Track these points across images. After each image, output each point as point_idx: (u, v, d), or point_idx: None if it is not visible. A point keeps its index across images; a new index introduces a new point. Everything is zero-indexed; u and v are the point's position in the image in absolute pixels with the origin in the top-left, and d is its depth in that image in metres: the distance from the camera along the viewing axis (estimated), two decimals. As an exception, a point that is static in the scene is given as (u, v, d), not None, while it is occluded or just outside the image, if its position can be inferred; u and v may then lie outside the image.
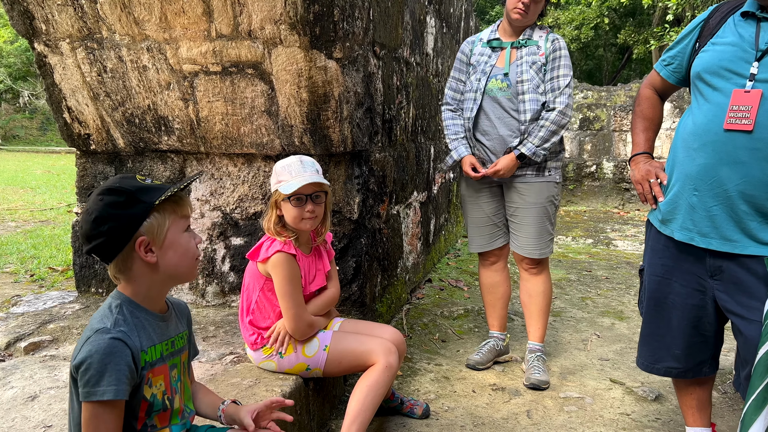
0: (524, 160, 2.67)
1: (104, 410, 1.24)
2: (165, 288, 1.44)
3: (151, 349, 1.37)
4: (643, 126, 2.14)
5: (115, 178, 1.37)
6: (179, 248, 1.38)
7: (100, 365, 1.23)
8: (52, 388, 2.05)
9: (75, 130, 2.99)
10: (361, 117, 2.78)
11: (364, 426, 2.02)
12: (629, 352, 3.21)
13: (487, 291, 2.99)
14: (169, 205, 1.36)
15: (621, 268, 5.19)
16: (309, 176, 2.10)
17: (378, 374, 2.06)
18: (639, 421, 2.46)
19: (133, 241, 1.31)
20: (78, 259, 3.14)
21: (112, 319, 1.31)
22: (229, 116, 2.75)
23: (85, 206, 1.34)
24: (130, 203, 1.31)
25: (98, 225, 1.29)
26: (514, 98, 2.69)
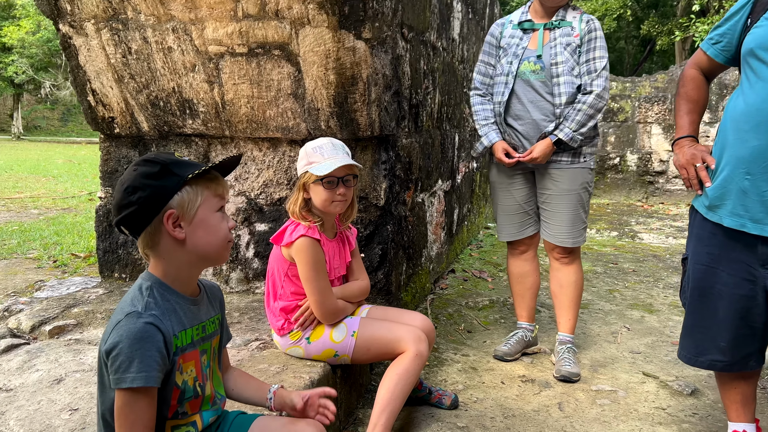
0: (560, 146, 2.59)
1: (135, 397, 1.20)
2: (195, 270, 1.39)
3: (182, 333, 1.32)
4: (688, 108, 2.05)
5: (153, 152, 1.33)
6: (209, 228, 1.33)
7: (130, 351, 1.18)
8: (78, 372, 2.02)
9: (99, 113, 2.96)
10: (389, 100, 2.71)
11: (394, 415, 1.97)
12: (661, 345, 3.12)
13: (516, 281, 2.92)
14: (204, 182, 1.32)
15: (648, 261, 5.08)
16: (342, 158, 2.04)
17: (408, 362, 2.01)
18: (675, 415, 2.37)
19: (162, 213, 1.27)
20: (102, 243, 3.12)
21: (143, 302, 1.26)
22: (254, 99, 2.70)
23: (120, 178, 1.30)
24: (162, 174, 1.27)
25: (129, 194, 1.26)
26: (548, 81, 2.61)
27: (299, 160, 2.11)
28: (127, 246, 3.09)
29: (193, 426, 1.37)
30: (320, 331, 2.10)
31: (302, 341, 2.10)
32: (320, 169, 2.00)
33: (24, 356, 2.16)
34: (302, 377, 1.98)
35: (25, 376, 2.00)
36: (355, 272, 2.28)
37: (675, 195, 8.92)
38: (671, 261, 5.10)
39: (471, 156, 5.15)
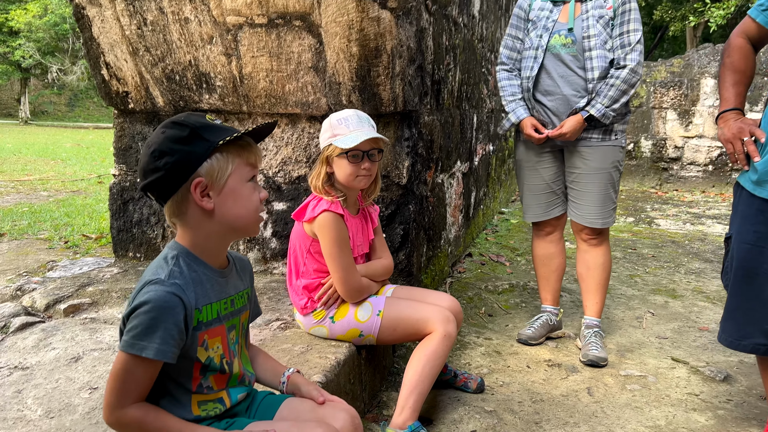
0: (591, 122, 2.49)
1: (138, 366, 1.13)
2: (224, 241, 1.31)
3: (206, 307, 1.24)
4: (734, 79, 1.95)
5: (183, 114, 1.24)
6: (240, 198, 1.24)
7: (148, 319, 1.12)
8: (96, 350, 1.95)
9: (113, 87, 2.87)
10: (413, 75, 2.62)
11: (422, 397, 1.90)
12: (688, 330, 3.04)
13: (541, 263, 2.84)
14: (235, 149, 1.23)
15: (666, 247, 4.98)
16: (367, 131, 1.96)
17: (436, 343, 1.93)
18: (710, 402, 2.29)
19: (189, 181, 1.19)
20: (116, 222, 3.05)
21: (167, 270, 1.18)
22: (273, 73, 2.61)
23: (147, 141, 1.22)
24: (191, 139, 1.18)
25: (156, 159, 1.17)
26: (580, 55, 2.51)
27: (322, 133, 2.02)
28: (141, 225, 3.02)
29: (220, 402, 1.30)
30: (344, 310, 2.02)
31: (326, 320, 2.02)
32: (345, 142, 1.92)
33: (39, 334, 2.10)
34: (328, 357, 1.90)
35: (42, 354, 1.94)
36: (377, 251, 2.20)
37: (689, 182, 8.79)
38: (690, 247, 5.00)
39: (488, 138, 5.05)
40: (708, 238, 5.36)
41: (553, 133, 2.52)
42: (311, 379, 1.76)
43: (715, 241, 5.22)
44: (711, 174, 8.66)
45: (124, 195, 3.03)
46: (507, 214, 6.10)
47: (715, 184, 8.61)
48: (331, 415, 1.34)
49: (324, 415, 1.34)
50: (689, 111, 8.73)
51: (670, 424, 2.12)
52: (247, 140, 1.26)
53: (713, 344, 2.85)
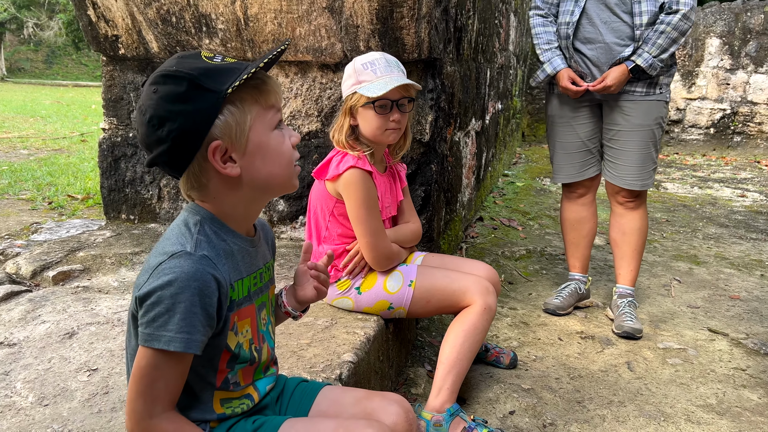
0: (636, 74, 2.26)
1: (166, 361, 0.90)
2: (257, 205, 1.05)
3: (238, 284, 1.01)
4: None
5: (172, 59, 0.95)
6: (270, 152, 0.98)
7: (173, 302, 0.88)
8: (92, 324, 1.73)
9: (101, 30, 2.58)
10: (439, 18, 2.36)
11: (460, 377, 1.71)
12: (719, 299, 2.88)
13: (571, 227, 2.63)
14: (249, 93, 0.95)
15: (678, 211, 4.82)
16: (397, 77, 1.71)
17: (476, 317, 1.73)
18: (758, 377, 2.14)
19: (204, 147, 0.93)
20: (106, 181, 2.79)
21: (193, 240, 0.94)
22: (283, 14, 2.33)
23: (138, 103, 0.95)
24: (193, 93, 0.90)
25: (155, 128, 0.91)
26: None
27: (345, 79, 1.77)
28: (135, 184, 2.76)
29: (248, 399, 1.07)
30: (372, 280, 1.81)
31: (351, 291, 1.81)
32: (372, 90, 1.67)
33: (27, 305, 1.87)
34: (356, 333, 1.70)
35: (30, 328, 1.71)
36: (405, 213, 1.98)
37: (690, 145, 8.62)
38: (702, 211, 4.85)
39: (498, 95, 4.80)
40: (718, 203, 5.21)
41: (596, 86, 2.29)
42: (341, 358, 1.55)
43: (726, 206, 5.07)
44: (712, 137, 8.49)
45: (116, 151, 2.76)
46: (511, 177, 5.89)
47: (716, 147, 8.45)
48: (382, 409, 1.14)
49: (373, 409, 1.14)
50: (693, 72, 8.49)
51: (721, 403, 1.96)
52: (261, 77, 0.97)
53: (749, 314, 2.70)
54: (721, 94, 8.37)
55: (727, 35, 8.34)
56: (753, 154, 8.03)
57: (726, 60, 8.27)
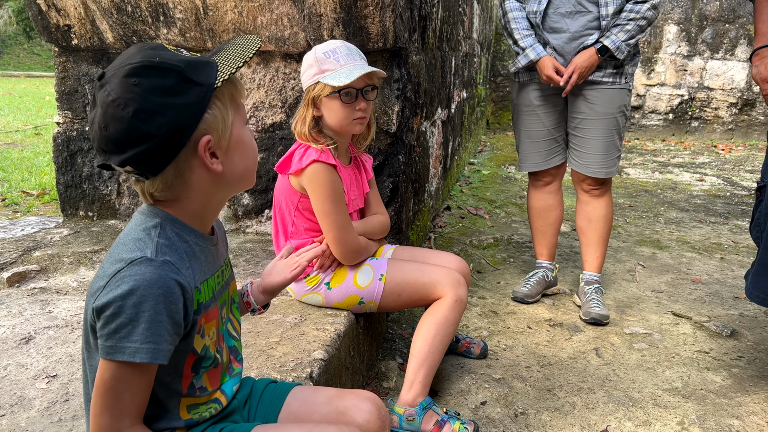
0: (605, 55, 2.26)
1: (131, 373, 0.85)
2: (223, 202, 1.03)
3: (204, 285, 0.97)
4: (774, 10, 1.75)
5: (142, 50, 0.88)
6: (246, 148, 0.97)
7: (135, 311, 0.83)
8: (50, 328, 1.66)
9: (52, 20, 2.46)
10: (404, 6, 2.32)
11: (432, 370, 1.70)
12: (682, 283, 2.94)
13: (538, 216, 2.65)
14: (227, 88, 0.92)
15: (641, 196, 4.91)
16: (361, 65, 1.68)
17: (447, 310, 1.72)
18: (721, 359, 2.19)
19: (192, 142, 0.89)
20: (62, 177, 2.68)
21: (153, 245, 0.89)
22: (243, 3, 2.27)
23: (105, 96, 0.86)
24: (182, 87, 0.86)
25: (143, 122, 0.84)
26: None
27: (305, 69, 1.72)
28: (93, 179, 2.67)
29: (215, 403, 1.04)
30: (342, 275, 1.78)
31: (321, 287, 1.78)
32: (336, 79, 1.63)
33: (-21, 310, 1.78)
34: (326, 329, 1.67)
35: (-16, 334, 1.63)
36: (372, 206, 1.95)
37: (650, 130, 8.79)
38: (663, 196, 4.95)
39: (463, 84, 4.79)
40: (678, 187, 5.32)
41: (566, 79, 2.27)
42: (312, 355, 1.52)
43: (686, 190, 5.19)
44: (671, 123, 8.67)
45: (71, 146, 2.66)
46: (477, 165, 5.91)
47: (675, 132, 8.64)
48: (354, 407, 1.11)
49: (345, 408, 1.11)
50: (651, 59, 8.64)
51: (687, 386, 2.00)
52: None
53: (710, 297, 2.76)
54: (679, 80, 8.54)
55: (684, 22, 8.50)
56: (710, 139, 8.23)
57: (683, 46, 8.44)
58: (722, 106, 8.31)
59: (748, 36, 8.04)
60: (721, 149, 7.60)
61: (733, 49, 8.22)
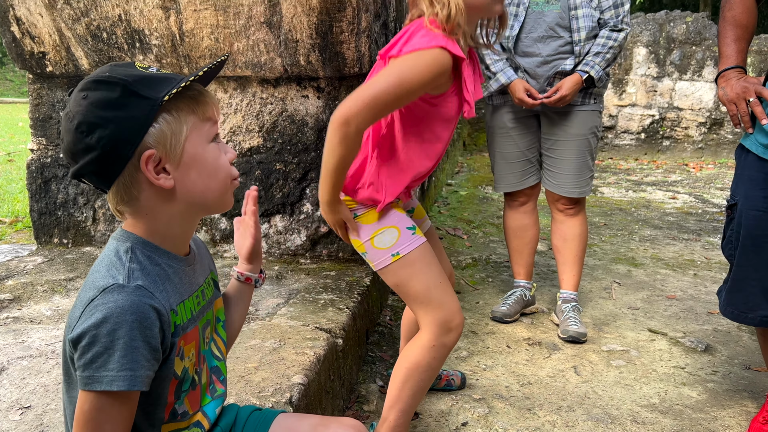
0: (588, 84, 2.33)
1: (111, 403, 0.84)
2: (192, 223, 1.01)
3: (180, 307, 0.96)
4: (735, 35, 1.81)
5: (105, 66, 0.91)
6: (205, 165, 0.95)
7: (109, 339, 0.82)
8: (24, 358, 1.63)
9: (26, 47, 2.46)
10: (379, 32, 2.36)
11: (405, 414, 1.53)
12: (657, 300, 2.99)
13: (514, 235, 2.68)
14: (186, 104, 0.91)
15: (615, 215, 5.00)
16: None
17: (421, 353, 1.52)
18: (696, 374, 2.22)
19: (136, 156, 0.88)
20: (36, 204, 2.65)
21: (124, 270, 0.88)
22: (219, 29, 2.29)
23: (65, 110, 0.90)
24: (127, 100, 0.87)
25: (84, 135, 0.86)
26: (564, 13, 2.32)
27: None
28: (67, 206, 2.64)
29: (197, 427, 1.03)
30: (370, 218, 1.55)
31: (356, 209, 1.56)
32: None
33: (-50, 342, 1.74)
34: (306, 353, 1.66)
35: (-46, 366, 1.59)
36: None
37: (623, 150, 8.96)
38: (637, 214, 5.04)
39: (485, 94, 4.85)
40: (652, 205, 5.42)
41: (550, 96, 2.32)
42: (291, 380, 1.52)
43: (659, 208, 5.29)
44: (644, 142, 8.85)
45: (45, 172, 2.63)
46: (454, 186, 5.97)
47: (647, 151, 8.82)
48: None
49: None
50: (623, 80, 8.85)
51: (664, 402, 2.02)
52: (198, 88, 0.95)
53: (685, 313, 2.81)
54: (649, 101, 8.74)
55: (652, 44, 8.74)
56: (681, 157, 8.41)
57: (653, 68, 8.66)
58: (692, 126, 8.52)
59: (714, 58, 8.28)
60: (692, 167, 7.78)
61: (700, 71, 8.45)
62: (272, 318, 1.93)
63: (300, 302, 2.08)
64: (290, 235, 2.54)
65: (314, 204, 2.50)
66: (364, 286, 2.29)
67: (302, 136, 2.47)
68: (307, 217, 2.52)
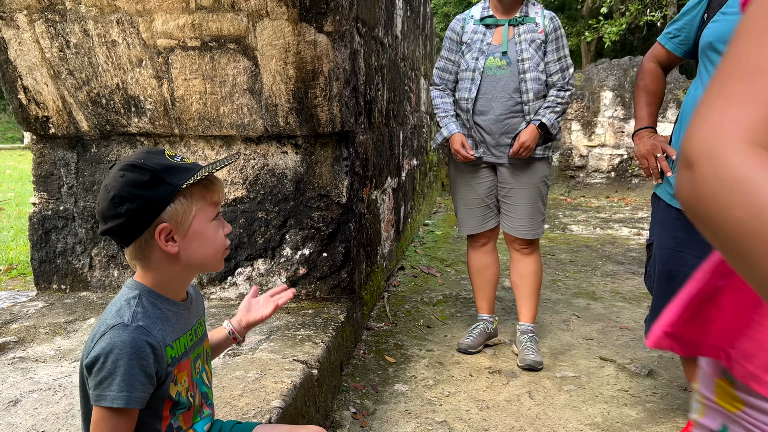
0: (543, 131, 2.65)
1: (113, 416, 1.10)
2: (189, 278, 1.29)
3: (176, 342, 1.22)
4: (647, 100, 2.14)
5: (140, 152, 1.21)
6: (205, 239, 1.23)
7: (113, 366, 1.09)
8: (34, 392, 1.85)
9: (32, 112, 2.73)
10: (349, 96, 2.67)
11: None
12: (611, 330, 3.25)
13: (477, 273, 2.95)
14: (198, 190, 1.21)
15: (581, 252, 5.29)
16: None
17: None
18: (638, 396, 2.47)
19: (153, 226, 1.17)
20: (37, 253, 2.88)
21: (130, 313, 1.15)
22: (207, 95, 2.58)
23: (104, 182, 1.18)
24: (153, 183, 1.15)
25: (116, 205, 1.14)
26: (515, 77, 2.65)
27: None
28: (66, 255, 2.87)
29: (190, 439, 1.28)
30: None
31: None
32: None
33: (-34, 379, 1.96)
34: (284, 382, 1.90)
35: (-28, 400, 1.81)
36: None
37: (595, 188, 9.35)
38: (602, 250, 5.34)
39: (413, 152, 5.18)
40: (617, 242, 5.74)
41: (514, 149, 2.63)
42: (270, 404, 1.75)
43: (624, 244, 5.60)
44: (613, 180, 9.25)
45: (46, 224, 2.87)
46: (431, 226, 6.26)
47: (617, 189, 9.22)
48: (305, 438, 1.36)
49: (298, 439, 1.35)
50: (591, 122, 9.30)
51: (606, 420, 2.27)
52: (211, 178, 1.24)
53: (635, 342, 3.07)
54: (618, 141, 9.18)
55: (618, 88, 9.23)
56: (650, 195, 8.80)
57: (619, 110, 9.13)
58: (658, 164, 8.93)
59: (676, 100, 8.76)
60: (659, 204, 8.13)
61: (664, 112, 8.90)
62: (255, 352, 2.17)
63: (280, 338, 2.31)
64: (271, 277, 2.79)
65: (293, 248, 2.76)
66: (339, 322, 2.53)
67: (282, 187, 2.74)
68: (287, 260, 2.77)
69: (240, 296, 2.80)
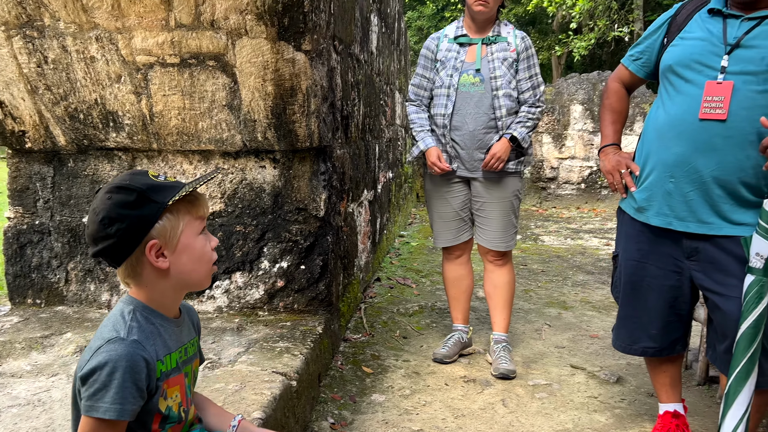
0: (515, 145, 2.73)
1: (103, 427, 1.14)
2: (180, 294, 1.34)
3: (167, 358, 1.27)
4: (612, 118, 2.24)
5: (125, 174, 1.26)
6: (194, 253, 1.28)
7: (108, 378, 1.13)
8: (13, 407, 1.85)
9: (8, 126, 2.73)
10: (326, 112, 2.73)
11: None
12: (581, 339, 3.35)
13: (452, 285, 3.02)
14: (184, 206, 1.26)
15: (553, 262, 5.41)
16: None
17: None
18: (607, 402, 2.56)
19: (143, 244, 1.21)
20: (11, 268, 2.87)
21: (126, 327, 1.20)
22: (186, 111, 2.61)
23: (92, 205, 1.23)
24: (140, 203, 1.20)
25: (105, 226, 1.19)
26: (488, 94, 2.74)
27: None
28: (41, 269, 2.86)
29: (177, 449, 1.32)
30: None
31: None
32: None
33: (-58, 395, 1.95)
34: (263, 393, 1.94)
35: (-50, 416, 1.80)
36: None
37: (565, 199, 9.54)
38: (573, 261, 5.47)
39: (388, 165, 5.25)
40: (587, 252, 5.88)
41: (487, 161, 2.71)
42: (251, 416, 1.78)
43: (594, 254, 5.75)
44: (584, 191, 9.46)
45: (21, 238, 2.86)
46: (407, 237, 6.33)
47: (587, 200, 9.42)
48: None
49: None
50: (562, 134, 9.51)
51: (576, 426, 2.35)
52: (195, 194, 1.30)
53: (604, 350, 3.17)
54: (587, 154, 9.39)
55: (587, 102, 9.46)
56: (618, 206, 9.00)
57: (588, 123, 9.34)
58: (626, 176, 9.16)
59: (643, 113, 9.01)
60: (627, 215, 8.33)
61: (631, 125, 9.14)
62: (234, 365, 2.20)
63: (258, 350, 2.35)
64: (249, 290, 2.82)
65: (271, 261, 2.79)
66: (317, 334, 2.57)
67: (260, 201, 2.78)
68: (265, 273, 2.81)
69: (218, 309, 2.82)
